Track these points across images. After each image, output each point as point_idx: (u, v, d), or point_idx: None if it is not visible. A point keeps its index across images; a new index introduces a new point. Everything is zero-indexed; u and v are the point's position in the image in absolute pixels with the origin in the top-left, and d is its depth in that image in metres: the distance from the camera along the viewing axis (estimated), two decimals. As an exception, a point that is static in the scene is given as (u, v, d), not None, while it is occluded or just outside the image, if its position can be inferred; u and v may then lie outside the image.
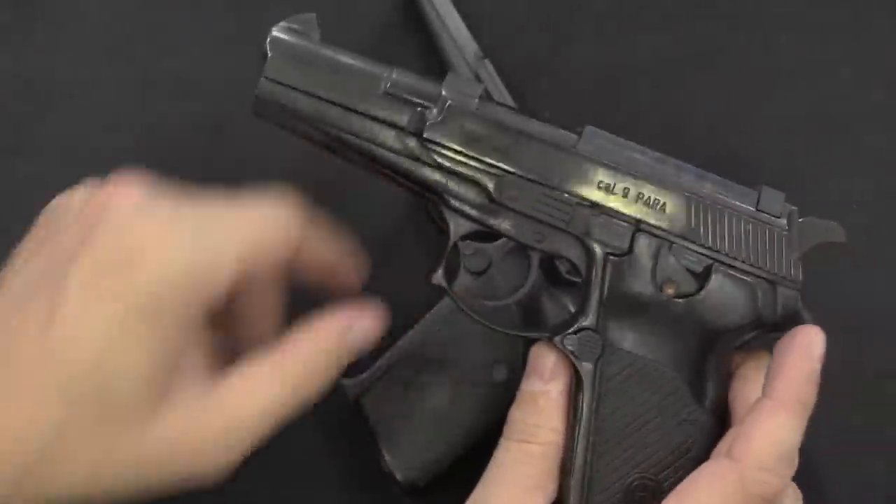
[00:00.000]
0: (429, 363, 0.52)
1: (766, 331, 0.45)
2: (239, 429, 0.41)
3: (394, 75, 0.44)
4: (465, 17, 0.57)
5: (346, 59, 0.45)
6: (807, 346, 0.43)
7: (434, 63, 0.58)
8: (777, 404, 0.42)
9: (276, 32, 0.45)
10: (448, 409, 0.52)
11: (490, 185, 0.44)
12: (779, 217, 0.45)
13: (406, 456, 0.53)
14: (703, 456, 0.43)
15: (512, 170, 0.44)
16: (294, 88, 0.44)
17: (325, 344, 0.43)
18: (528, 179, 0.44)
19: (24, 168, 0.59)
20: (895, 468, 0.54)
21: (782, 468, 0.42)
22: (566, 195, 0.44)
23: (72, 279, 0.39)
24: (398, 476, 0.53)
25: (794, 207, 0.45)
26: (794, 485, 0.44)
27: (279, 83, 0.44)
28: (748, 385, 0.44)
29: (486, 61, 0.56)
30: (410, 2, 0.58)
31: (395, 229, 0.58)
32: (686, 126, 0.58)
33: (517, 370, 0.48)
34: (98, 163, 0.59)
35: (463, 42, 0.56)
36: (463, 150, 0.44)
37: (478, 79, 0.55)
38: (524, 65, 0.58)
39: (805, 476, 0.43)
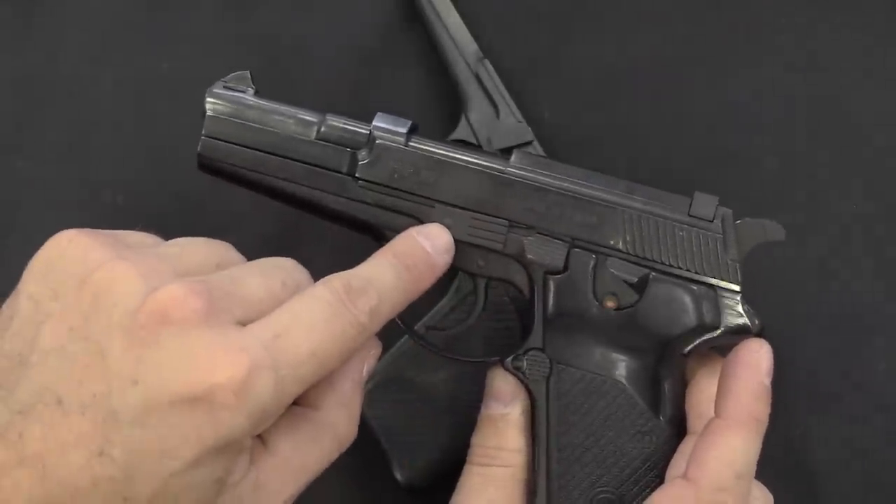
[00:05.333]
0: (429, 363, 0.52)
1: (715, 335, 0.45)
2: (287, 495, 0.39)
3: (326, 120, 0.46)
4: (465, 17, 0.56)
5: (279, 109, 0.46)
6: (753, 362, 0.43)
7: (434, 63, 0.58)
8: (729, 424, 0.42)
9: (212, 91, 0.46)
10: (448, 409, 0.52)
11: (425, 217, 0.45)
12: (711, 221, 0.45)
13: (406, 456, 0.53)
14: (662, 466, 0.44)
15: (442, 199, 0.45)
16: (233, 143, 0.45)
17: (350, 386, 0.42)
18: (459, 207, 0.45)
19: (24, 168, 0.59)
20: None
21: (740, 487, 0.42)
22: (498, 218, 0.45)
23: (133, 399, 0.35)
24: (399, 476, 0.53)
25: (728, 210, 0.45)
26: (762, 487, 0.44)
27: (219, 139, 0.45)
28: (703, 393, 0.45)
29: (486, 61, 0.56)
30: (410, 2, 0.58)
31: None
32: (686, 126, 0.58)
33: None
34: (98, 163, 0.59)
35: (463, 42, 0.56)
36: (394, 186, 0.45)
37: (478, 79, 0.56)
38: (524, 65, 0.58)
39: (803, 475, 0.43)
